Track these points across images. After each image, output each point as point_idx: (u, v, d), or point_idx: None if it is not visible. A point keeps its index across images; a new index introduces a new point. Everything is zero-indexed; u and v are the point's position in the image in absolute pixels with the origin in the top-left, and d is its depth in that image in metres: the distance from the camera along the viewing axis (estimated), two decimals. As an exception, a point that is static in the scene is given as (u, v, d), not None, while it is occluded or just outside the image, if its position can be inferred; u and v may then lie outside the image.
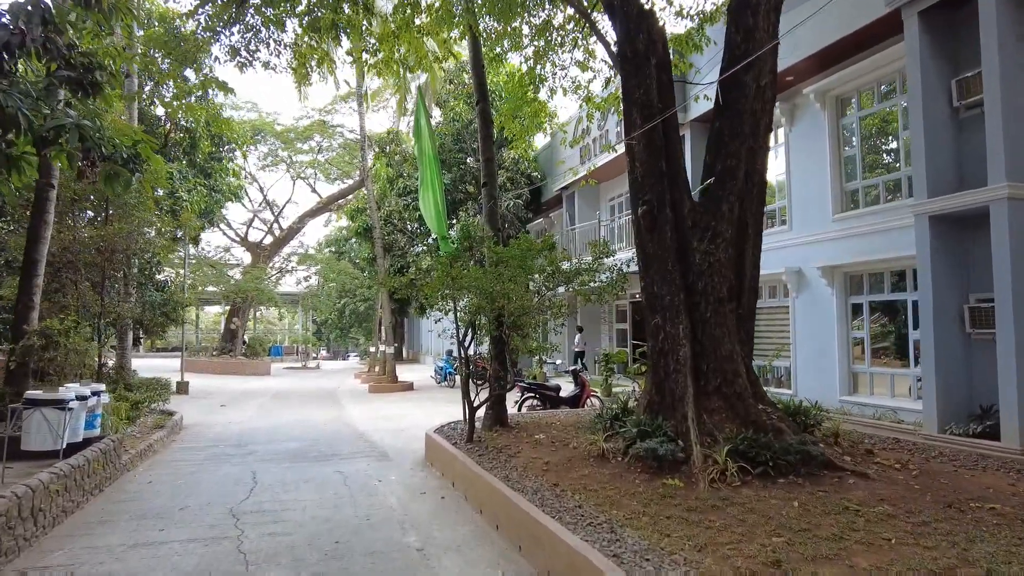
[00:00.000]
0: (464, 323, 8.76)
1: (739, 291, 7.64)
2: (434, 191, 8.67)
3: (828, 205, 12.42)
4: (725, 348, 7.38)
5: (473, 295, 7.81)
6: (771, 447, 6.47)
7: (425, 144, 8.92)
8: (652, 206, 7.56)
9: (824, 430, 7.70)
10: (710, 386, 7.38)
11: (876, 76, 11.60)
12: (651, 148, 7.64)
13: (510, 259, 7.99)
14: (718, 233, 7.56)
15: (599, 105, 11.84)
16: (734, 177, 7.66)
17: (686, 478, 6.37)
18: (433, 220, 8.72)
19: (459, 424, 10.00)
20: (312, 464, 9.18)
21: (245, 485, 7.83)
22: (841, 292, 12.26)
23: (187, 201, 18.01)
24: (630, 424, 7.23)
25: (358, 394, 20.97)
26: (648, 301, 7.72)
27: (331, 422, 13.80)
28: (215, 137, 20.98)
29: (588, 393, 12.22)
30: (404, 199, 23.23)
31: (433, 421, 13.30)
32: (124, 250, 10.63)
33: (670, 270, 7.46)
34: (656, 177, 7.61)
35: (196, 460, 9.44)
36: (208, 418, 14.46)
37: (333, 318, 43.82)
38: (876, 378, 11.73)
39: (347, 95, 35.82)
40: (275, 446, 10.74)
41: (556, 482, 6.41)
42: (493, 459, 7.53)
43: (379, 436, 11.63)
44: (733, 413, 7.24)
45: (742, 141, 7.72)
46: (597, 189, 22.07)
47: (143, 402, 11.42)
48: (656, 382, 7.57)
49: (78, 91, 7.03)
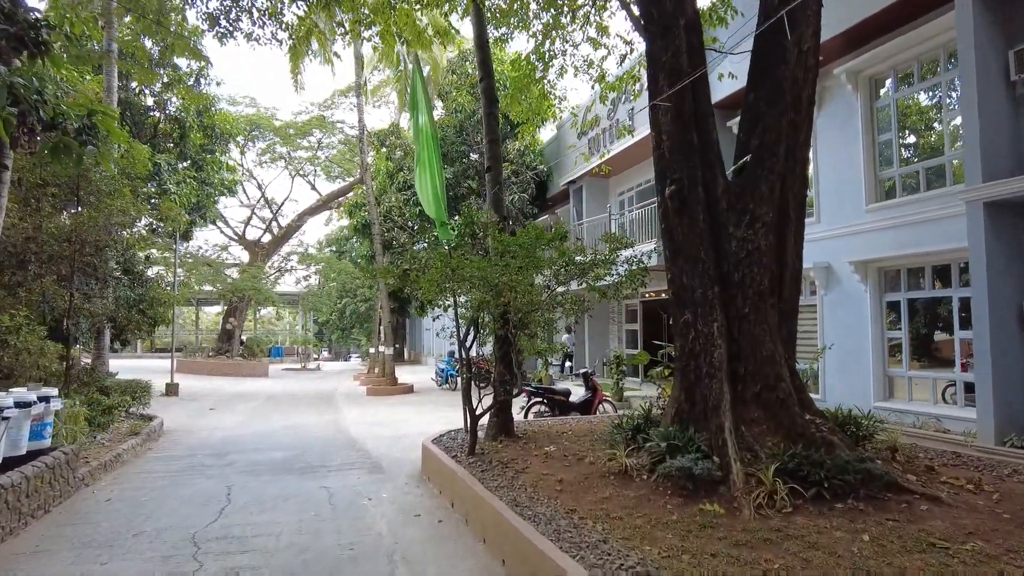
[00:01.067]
0: (465, 321, 7.82)
1: (780, 283, 6.67)
2: (432, 172, 7.74)
3: (861, 195, 11.43)
4: (766, 348, 6.42)
5: (476, 289, 6.86)
6: (824, 465, 5.51)
7: (422, 118, 7.98)
8: (682, 185, 6.60)
9: (877, 443, 6.74)
10: (748, 392, 6.42)
11: (916, 52, 10.62)
12: (680, 119, 6.69)
13: (518, 249, 7.04)
14: (757, 217, 6.60)
15: (613, 85, 10.89)
16: (774, 153, 6.70)
17: (726, 502, 5.41)
18: (431, 204, 7.77)
19: (460, 433, 9.05)
20: (297, 478, 8.23)
21: (216, 504, 6.89)
22: (875, 289, 11.28)
23: (175, 194, 17.10)
24: (657, 437, 6.27)
25: (355, 397, 20.04)
26: (676, 295, 6.75)
27: (324, 428, 12.86)
28: (207, 128, 20.10)
29: (600, 398, 11.26)
30: (404, 194, 22.29)
31: (433, 428, 12.34)
32: (95, 242, 9.72)
33: (703, 259, 6.50)
34: (685, 152, 6.66)
35: (168, 472, 8.50)
36: (193, 423, 13.53)
37: (334, 319, 42.88)
38: (915, 383, 10.74)
39: (347, 89, 34.96)
40: (259, 455, 9.80)
41: (573, 507, 5.46)
42: (498, 476, 6.57)
43: (373, 444, 10.68)
44: (775, 424, 6.28)
45: (782, 113, 6.76)
46: (606, 183, 21.11)
47: (117, 407, 10.50)
48: (685, 388, 6.61)
49: (20, 49, 6.10)
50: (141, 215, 10.43)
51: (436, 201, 7.68)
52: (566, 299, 8.04)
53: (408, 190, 22.18)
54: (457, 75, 22.93)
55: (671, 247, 6.78)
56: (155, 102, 18.93)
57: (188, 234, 21.92)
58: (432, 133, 7.87)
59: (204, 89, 20.30)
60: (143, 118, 19.04)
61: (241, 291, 32.16)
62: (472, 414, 7.45)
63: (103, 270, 10.34)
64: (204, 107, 19.78)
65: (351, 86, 34.02)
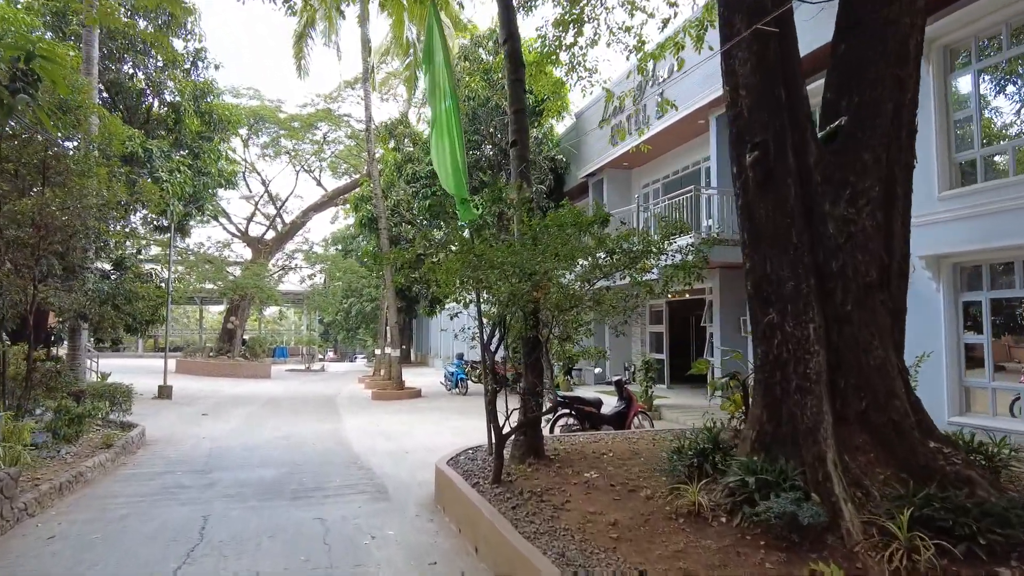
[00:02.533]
0: (490, 319, 6.52)
1: (887, 275, 5.35)
2: (451, 139, 6.46)
3: (933, 180, 10.05)
4: (874, 356, 5.10)
5: (507, 279, 5.55)
6: (970, 511, 4.18)
7: (439, 74, 6.69)
8: (767, 151, 5.28)
9: (1014, 475, 5.39)
10: (850, 412, 5.11)
11: (1004, 16, 9.26)
12: (764, 67, 5.37)
13: (557, 231, 5.74)
14: (860, 192, 5.29)
15: (654, 53, 9.57)
16: (879, 113, 5.39)
17: (841, 558, 4.10)
18: (449, 177, 6.47)
19: (479, 451, 7.75)
20: (287, 505, 6.94)
21: (185, 542, 5.60)
22: (950, 288, 9.91)
23: (168, 182, 15.87)
24: (738, 469, 4.94)
25: (359, 402, 18.75)
26: (756, 288, 5.43)
27: (323, 439, 11.57)
28: (204, 115, 18.87)
29: (636, 410, 9.92)
30: (413, 186, 21.00)
31: (444, 440, 11.07)
32: (63, 227, 8.48)
33: (795, 243, 5.17)
34: (771, 109, 5.33)
35: (136, 496, 7.22)
36: (180, 431, 12.27)
37: (340, 319, 41.66)
38: (999, 395, 9.36)
39: (353, 81, 33.76)
40: (247, 474, 8.52)
41: (640, 563, 4.14)
42: (534, 515, 5.26)
43: (378, 461, 9.38)
44: (887, 452, 4.96)
45: (886, 65, 5.45)
46: (629, 175, 19.79)
47: (88, 415, 9.25)
48: (768, 405, 5.29)
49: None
50: (116, 198, 9.19)
51: (456, 173, 6.38)
52: (609, 295, 6.73)
53: (417, 183, 20.90)
54: (470, 61, 21.63)
55: (751, 229, 5.45)
56: (148, 83, 17.71)
57: (184, 228, 20.71)
58: (451, 91, 6.59)
59: (202, 73, 19.16)
60: (136, 103, 17.84)
61: (243, 289, 30.95)
62: (498, 433, 6.12)
63: (72, 259, 9.10)
64: (201, 92, 18.57)
65: (358, 78, 32.80)
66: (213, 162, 19.36)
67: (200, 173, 18.53)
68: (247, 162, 35.84)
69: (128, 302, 11.09)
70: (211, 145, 19.01)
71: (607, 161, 18.62)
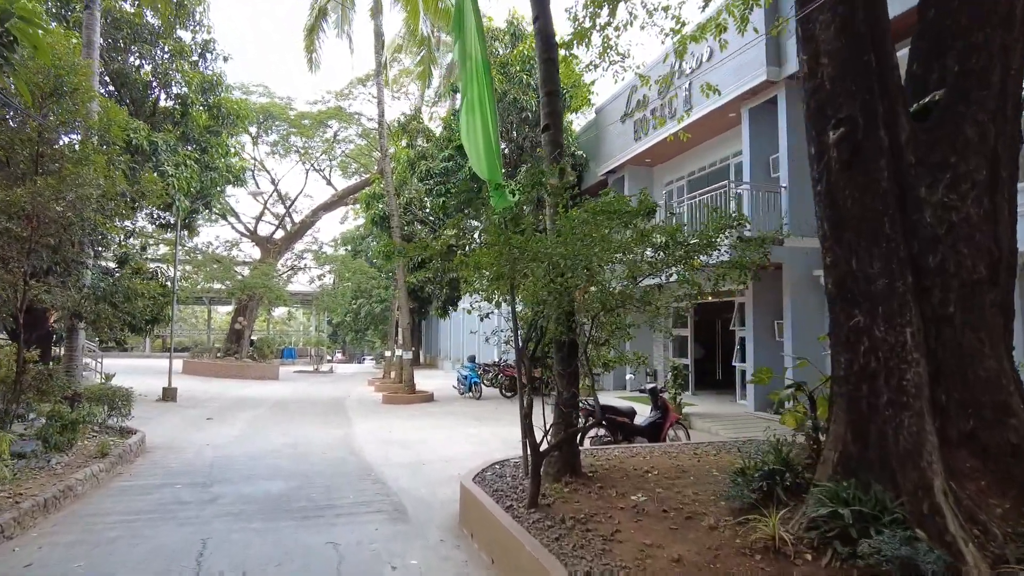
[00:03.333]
0: (526, 321, 5.80)
1: (995, 270, 4.60)
2: (484, 118, 5.77)
3: None
4: (985, 366, 4.36)
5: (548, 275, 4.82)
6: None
7: (470, 43, 6.00)
8: (854, 126, 4.55)
9: None
10: (954, 431, 4.37)
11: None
12: (850, 31, 4.64)
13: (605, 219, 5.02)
14: (963, 175, 4.54)
15: (694, 35, 8.83)
16: (985, 83, 4.64)
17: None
18: (481, 159, 5.77)
19: (506, 466, 7.04)
20: (295, 526, 6.24)
21: (179, 572, 4.92)
22: None
23: (173, 176, 15.26)
24: (824, 497, 4.21)
25: (370, 406, 18.06)
26: (839, 286, 4.69)
27: (333, 447, 10.88)
28: (212, 108, 18.28)
29: (671, 420, 9.17)
30: (427, 183, 20.32)
31: (461, 449, 10.37)
32: (56, 219, 7.84)
33: (887, 234, 4.44)
34: (859, 78, 4.60)
35: (129, 514, 6.55)
36: (183, 437, 11.63)
37: (348, 320, 41.05)
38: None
39: (365, 78, 33.19)
40: (251, 487, 7.84)
41: (723, 617, 3.42)
42: (581, 546, 4.54)
43: (394, 473, 8.68)
44: (1004, 481, 4.23)
45: (991, 29, 4.71)
46: (651, 172, 19.04)
47: (83, 421, 8.60)
48: (853, 423, 4.54)
49: None
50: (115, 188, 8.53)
51: (489, 154, 5.68)
52: (661, 295, 6.00)
53: (431, 179, 20.22)
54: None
55: (833, 218, 4.71)
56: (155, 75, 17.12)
57: (192, 225, 20.12)
58: (484, 62, 5.91)
59: (211, 65, 18.58)
60: (142, 95, 17.26)
61: (251, 289, 30.37)
62: (535, 451, 5.38)
63: (66, 253, 8.46)
64: (210, 84, 17.97)
65: (369, 75, 32.28)
66: (221, 157, 18.75)
67: (207, 168, 17.92)
68: (256, 160, 35.36)
69: (127, 300, 10.42)
70: (219, 140, 18.40)
71: (628, 158, 17.88)
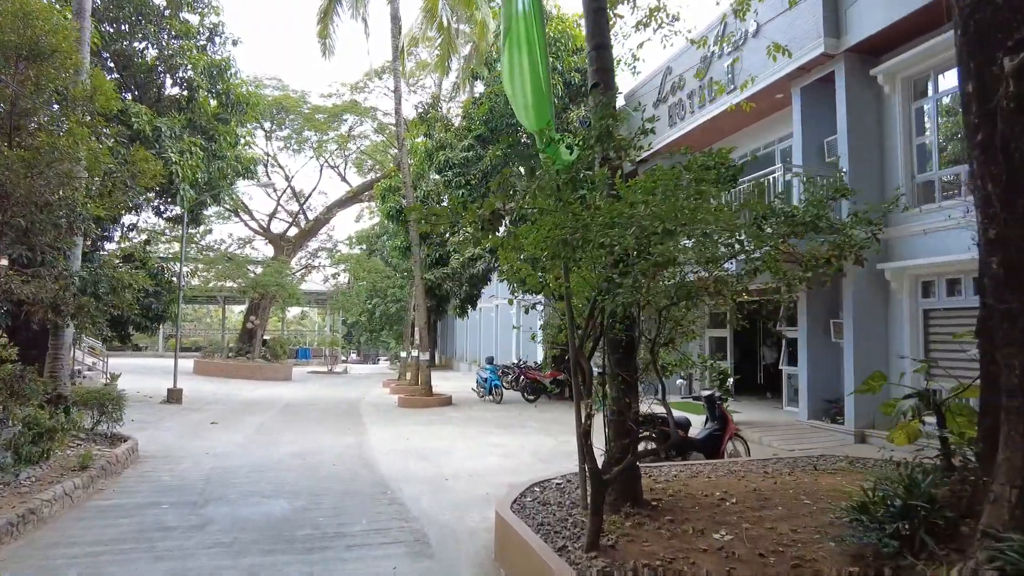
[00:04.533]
0: (580, 312, 4.69)
1: None
2: (532, 54, 4.63)
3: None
4: None
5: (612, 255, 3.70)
6: None
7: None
8: (1043, 51, 3.38)
9: None
10: None
11: None
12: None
13: (689, 186, 3.91)
14: None
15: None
16: None
17: None
18: (530, 108, 4.65)
19: (548, 489, 5.93)
20: (297, 562, 5.16)
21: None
22: None
23: (178, 164, 14.32)
24: (1011, 551, 3.04)
25: (385, 409, 17.00)
26: (1010, 268, 3.52)
27: (345, 458, 9.81)
28: (221, 95, 17.35)
29: (731, 433, 8.00)
30: (445, 175, 19.24)
31: (489, 462, 9.26)
32: (28, 197, 6.84)
33: (1092, 196, 3.26)
34: (1048, -12, 3.43)
35: (99, 543, 5.51)
36: (181, 444, 10.63)
37: (363, 320, 40.13)
38: None
39: (380, 70, 32.26)
40: (250, 508, 6.78)
41: None
42: (669, 614, 3.41)
43: (413, 491, 7.57)
44: None
45: None
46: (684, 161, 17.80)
47: (63, 428, 7.60)
48: (1037, 449, 3.38)
49: None
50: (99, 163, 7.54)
51: (539, 101, 4.54)
52: (735, 284, 4.85)
53: (449, 171, 19.14)
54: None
55: (1002, 175, 3.53)
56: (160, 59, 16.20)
57: (198, 217, 19.21)
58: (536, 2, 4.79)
59: (219, 49, 17.66)
60: (147, 80, 16.35)
61: (263, 287, 29.48)
62: (597, 479, 4.22)
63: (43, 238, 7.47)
64: (219, 69, 17.03)
65: (385, 67, 31.35)
66: (230, 146, 17.80)
67: (215, 157, 16.97)
68: (270, 155, 34.55)
69: (112, 292, 9.41)
70: (228, 128, 17.45)
71: (663, 144, 16.69)
